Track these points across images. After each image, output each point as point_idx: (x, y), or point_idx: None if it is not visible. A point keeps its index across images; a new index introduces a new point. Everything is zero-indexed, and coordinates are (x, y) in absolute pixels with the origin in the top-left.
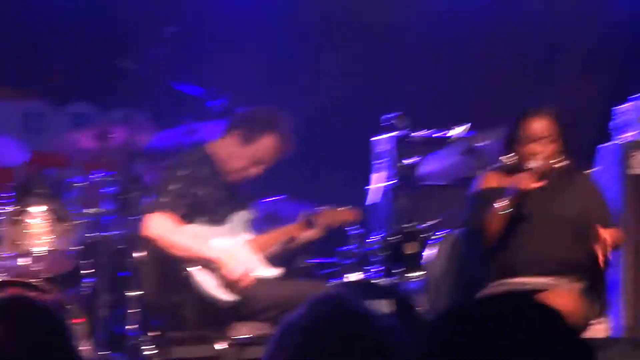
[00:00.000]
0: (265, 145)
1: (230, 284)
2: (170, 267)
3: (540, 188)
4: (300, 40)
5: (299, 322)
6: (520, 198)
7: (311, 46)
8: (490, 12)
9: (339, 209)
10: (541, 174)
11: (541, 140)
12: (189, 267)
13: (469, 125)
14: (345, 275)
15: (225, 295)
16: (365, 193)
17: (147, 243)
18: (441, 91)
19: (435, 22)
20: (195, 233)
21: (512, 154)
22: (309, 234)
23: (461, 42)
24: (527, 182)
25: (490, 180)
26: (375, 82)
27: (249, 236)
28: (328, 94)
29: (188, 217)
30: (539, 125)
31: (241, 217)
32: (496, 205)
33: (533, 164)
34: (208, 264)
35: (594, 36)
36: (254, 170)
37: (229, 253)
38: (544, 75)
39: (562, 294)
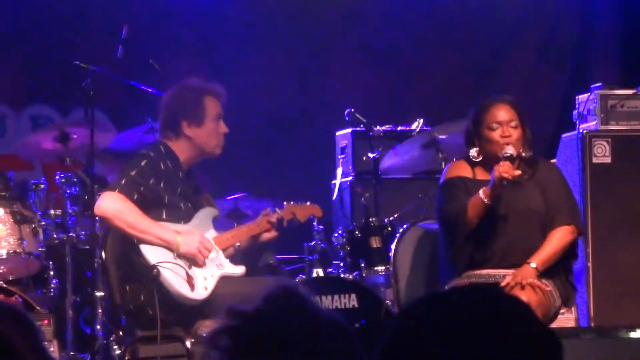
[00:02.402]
0: (211, 106)
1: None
2: (137, 266)
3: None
4: (257, 37)
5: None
6: (504, 188)
7: (270, 42)
8: (447, 4)
9: (302, 204)
10: (517, 161)
11: (509, 124)
12: (155, 264)
13: (421, 120)
14: (310, 271)
15: (192, 293)
16: (330, 188)
17: (113, 242)
18: (401, 85)
19: (394, 15)
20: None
21: (476, 147)
22: (271, 235)
23: (419, 35)
24: (509, 171)
25: (458, 168)
26: (336, 77)
27: (213, 233)
28: (289, 90)
29: (144, 207)
30: (503, 110)
31: (206, 214)
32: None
33: (508, 150)
34: (162, 244)
35: (550, 25)
36: (224, 129)
37: (183, 231)
38: (502, 66)
39: (527, 289)
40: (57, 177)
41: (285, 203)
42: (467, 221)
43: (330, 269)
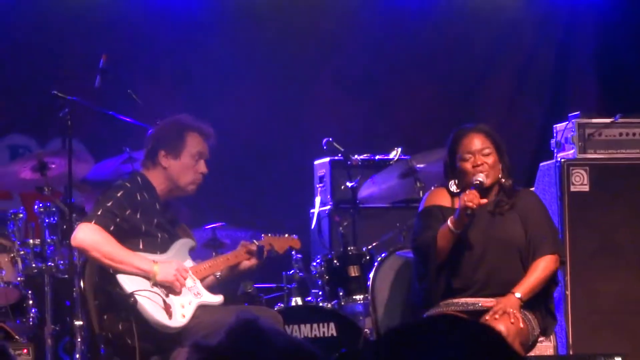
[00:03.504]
0: (193, 142)
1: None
2: (114, 295)
3: (487, 210)
4: (236, 68)
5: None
6: (469, 217)
7: (248, 72)
8: (425, 34)
9: (280, 236)
10: (486, 189)
11: (481, 152)
12: (132, 292)
13: (399, 149)
14: (289, 299)
15: (169, 321)
16: (308, 217)
17: (91, 272)
18: (379, 114)
19: (371, 45)
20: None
21: (454, 179)
22: (251, 263)
23: (397, 64)
24: (474, 200)
25: (438, 197)
26: (314, 106)
27: (190, 263)
28: (267, 119)
29: (121, 237)
30: (475, 139)
31: (183, 244)
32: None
33: (478, 178)
34: (139, 274)
35: (528, 54)
36: (202, 169)
37: (160, 261)
38: (480, 95)
39: (507, 318)
40: (36, 206)
41: (263, 235)
42: (438, 251)
43: (309, 298)
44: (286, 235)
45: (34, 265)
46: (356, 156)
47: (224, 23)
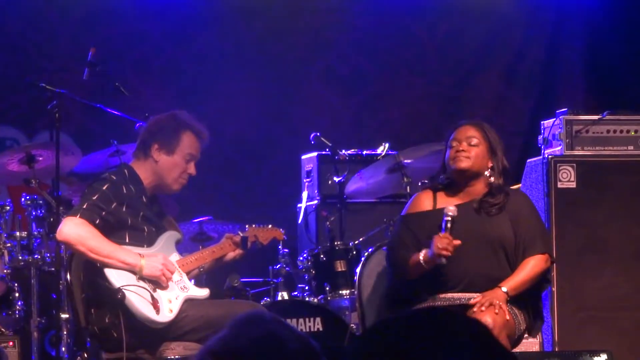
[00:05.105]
0: (187, 142)
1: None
2: (102, 289)
3: (473, 207)
4: (225, 62)
5: (217, 345)
6: (443, 264)
7: (237, 67)
8: (413, 30)
9: (264, 227)
10: (472, 183)
11: (468, 140)
12: (120, 287)
13: (387, 144)
14: (275, 294)
15: (157, 316)
16: (295, 211)
17: (78, 265)
18: (367, 110)
19: (360, 40)
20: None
21: (445, 173)
22: (235, 253)
23: (385, 61)
24: (448, 248)
25: (419, 202)
26: (302, 101)
27: (177, 257)
28: (255, 114)
29: (107, 231)
30: (465, 130)
31: (169, 237)
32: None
33: (449, 213)
34: (125, 268)
35: (516, 51)
36: (191, 170)
37: (146, 255)
38: (468, 91)
39: (493, 310)
40: (23, 199)
41: (247, 226)
42: (408, 274)
43: (295, 293)
44: (270, 226)
45: (20, 257)
46: (344, 151)
47: (213, 18)
